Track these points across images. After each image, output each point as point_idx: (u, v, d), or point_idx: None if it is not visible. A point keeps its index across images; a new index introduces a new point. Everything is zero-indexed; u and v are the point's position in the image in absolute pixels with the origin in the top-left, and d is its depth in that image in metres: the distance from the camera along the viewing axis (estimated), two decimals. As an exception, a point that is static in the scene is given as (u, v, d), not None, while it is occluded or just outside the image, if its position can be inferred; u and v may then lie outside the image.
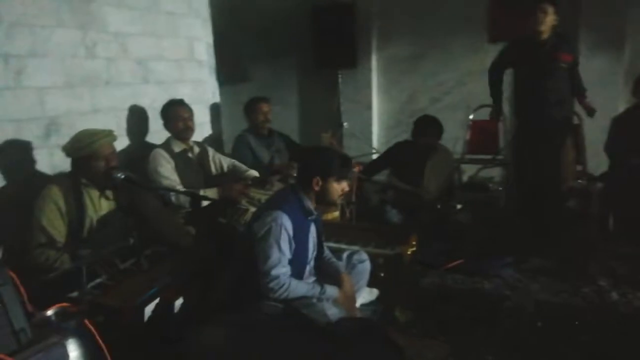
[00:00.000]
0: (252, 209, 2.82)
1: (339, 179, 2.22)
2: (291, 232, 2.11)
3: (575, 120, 3.68)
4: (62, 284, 2.01)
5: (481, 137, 4.14)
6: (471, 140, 4.19)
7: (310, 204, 2.23)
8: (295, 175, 2.99)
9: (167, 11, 3.56)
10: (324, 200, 2.27)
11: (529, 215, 3.35)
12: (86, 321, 1.67)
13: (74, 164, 2.44)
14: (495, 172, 4.21)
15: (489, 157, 4.05)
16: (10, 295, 1.34)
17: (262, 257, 2.08)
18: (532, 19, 3.16)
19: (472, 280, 2.81)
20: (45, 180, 2.52)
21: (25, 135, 2.60)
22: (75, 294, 1.97)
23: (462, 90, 4.65)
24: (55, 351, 1.39)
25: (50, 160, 2.73)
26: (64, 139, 2.51)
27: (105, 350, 1.68)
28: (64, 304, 1.74)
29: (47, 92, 2.71)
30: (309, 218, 2.25)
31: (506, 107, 3.94)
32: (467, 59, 4.58)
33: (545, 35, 3.20)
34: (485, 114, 4.01)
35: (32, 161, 2.66)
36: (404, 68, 4.97)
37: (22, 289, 1.43)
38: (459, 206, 3.53)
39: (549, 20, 3.15)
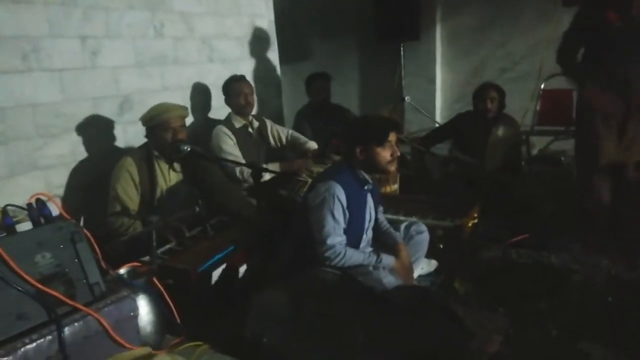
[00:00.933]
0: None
1: (380, 144, 2.16)
2: (345, 202, 2.12)
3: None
4: (135, 248, 2.17)
5: (553, 107, 3.89)
6: (542, 110, 3.95)
7: (364, 174, 2.22)
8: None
9: (230, -10, 3.65)
10: (374, 169, 2.23)
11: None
12: (155, 280, 1.81)
13: (147, 133, 2.61)
14: (568, 145, 3.96)
15: (561, 128, 3.81)
16: (86, 252, 1.46)
17: (317, 227, 2.12)
18: None
19: (538, 254, 2.69)
20: (120, 153, 2.71)
21: (101, 112, 2.80)
22: (146, 257, 2.12)
23: (533, 59, 4.36)
24: (125, 304, 1.52)
25: (124, 135, 2.93)
26: (136, 115, 2.68)
27: (173, 307, 1.82)
28: (136, 264, 1.89)
29: (120, 71, 2.90)
30: (365, 188, 2.25)
31: (581, 75, 3.66)
32: (538, 26, 4.28)
33: None
34: (557, 83, 3.77)
35: (108, 136, 2.87)
36: (470, 38, 4.75)
37: (97, 248, 1.56)
38: (526, 179, 3.36)
39: None
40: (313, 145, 3.30)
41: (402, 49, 4.91)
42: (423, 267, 2.56)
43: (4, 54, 2.34)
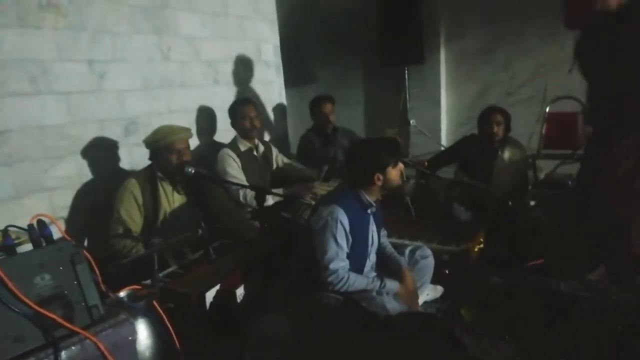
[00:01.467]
0: (315, 205, 2.86)
1: (395, 164, 2.19)
2: (347, 226, 2.11)
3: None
4: (137, 270, 2.15)
5: (559, 130, 3.88)
6: (548, 134, 3.94)
7: (367, 197, 2.20)
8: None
9: (235, 15, 3.71)
10: (390, 190, 2.25)
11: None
12: (155, 303, 1.79)
13: (151, 156, 2.61)
14: (576, 169, 3.93)
15: (568, 152, 3.79)
16: (85, 274, 1.45)
17: (319, 251, 2.10)
18: None
19: (546, 280, 2.63)
20: (125, 175, 2.72)
21: (107, 134, 2.83)
22: (148, 281, 2.10)
23: (537, 82, 4.38)
24: (124, 328, 1.49)
25: (129, 157, 2.95)
26: (142, 137, 2.69)
27: (172, 332, 1.78)
28: (136, 287, 1.87)
29: (126, 94, 2.93)
30: (368, 211, 2.23)
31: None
32: (542, 49, 4.32)
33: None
34: (563, 106, 3.77)
35: (113, 158, 2.88)
36: (474, 62, 4.78)
37: (97, 271, 1.55)
38: (532, 203, 3.32)
39: None
40: (313, 172, 3.31)
41: (406, 72, 4.95)
42: (428, 292, 2.52)
43: (13, 77, 2.38)
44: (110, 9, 2.79)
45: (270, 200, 2.97)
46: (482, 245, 2.69)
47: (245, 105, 3.23)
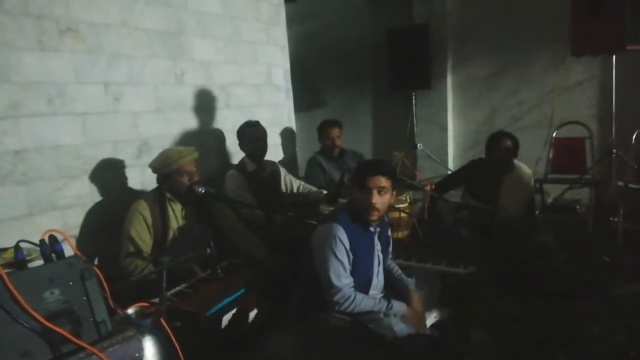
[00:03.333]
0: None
1: (361, 187, 2.11)
2: (347, 244, 2.10)
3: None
4: (146, 289, 2.17)
5: (566, 155, 3.89)
6: (555, 158, 3.94)
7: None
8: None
9: (248, 40, 3.82)
10: (358, 211, 2.17)
11: None
12: (162, 321, 1.80)
13: (160, 179, 2.65)
14: (583, 194, 3.92)
15: (575, 176, 3.78)
16: (94, 290, 1.46)
17: (322, 270, 2.10)
18: None
19: (555, 304, 2.60)
20: (136, 195, 2.76)
21: (120, 155, 2.89)
22: (156, 299, 2.11)
23: (544, 107, 4.42)
24: (131, 344, 1.50)
25: (141, 177, 3.00)
26: (154, 158, 2.74)
27: (179, 350, 1.78)
28: (144, 304, 1.88)
29: (140, 116, 3.00)
30: (371, 229, 2.24)
31: (593, 124, 3.69)
32: (549, 75, 4.37)
33: None
34: (570, 131, 3.78)
35: (125, 178, 2.93)
36: (481, 87, 4.85)
37: (106, 287, 1.57)
38: (540, 227, 3.31)
39: None
40: (323, 192, 3.34)
41: (414, 97, 5.01)
42: (436, 315, 2.50)
43: (31, 98, 2.45)
44: (127, 34, 2.89)
45: (278, 221, 2.99)
46: (490, 268, 2.67)
47: (252, 128, 3.28)
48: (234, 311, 2.20)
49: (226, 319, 2.17)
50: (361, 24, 5.44)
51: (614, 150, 3.68)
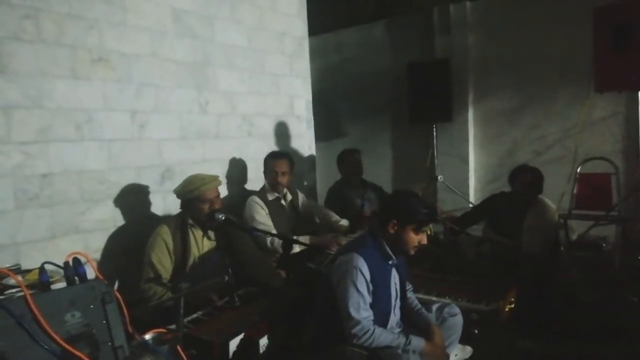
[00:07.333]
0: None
1: (418, 229, 2.13)
2: (368, 275, 2.07)
3: None
4: (163, 314, 2.16)
5: (591, 191, 3.81)
6: (579, 194, 3.87)
7: (388, 248, 2.18)
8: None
9: (271, 72, 3.90)
10: (396, 248, 2.17)
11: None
12: (178, 348, 1.78)
13: (183, 204, 2.68)
14: (609, 231, 3.81)
15: (601, 213, 3.69)
16: (114, 314, 1.47)
17: (342, 301, 2.06)
18: None
19: (579, 343, 2.51)
20: (158, 220, 2.79)
21: (143, 181, 2.94)
22: (173, 325, 2.11)
23: (567, 142, 4.37)
24: (148, 370, 1.49)
25: (163, 203, 3.04)
26: (176, 184, 2.78)
27: (194, 379, 1.76)
28: (161, 330, 1.88)
29: (164, 143, 3.07)
30: (390, 262, 2.21)
31: (619, 160, 3.62)
32: (572, 110, 4.33)
33: None
34: (595, 167, 3.72)
35: (147, 203, 2.98)
36: (503, 121, 4.83)
37: (125, 311, 1.57)
38: (565, 264, 3.22)
39: None
40: (344, 222, 3.32)
41: (434, 129, 5.02)
42: (457, 353, 2.42)
43: (60, 123, 2.54)
44: (156, 65, 2.99)
45: (296, 249, 2.97)
46: (513, 305, 2.59)
47: (276, 160, 3.30)
48: (241, 336, 2.16)
49: (233, 343, 2.13)
50: (383, 58, 5.52)
51: (641, 187, 3.60)
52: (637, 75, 3.27)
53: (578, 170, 3.94)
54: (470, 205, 4.70)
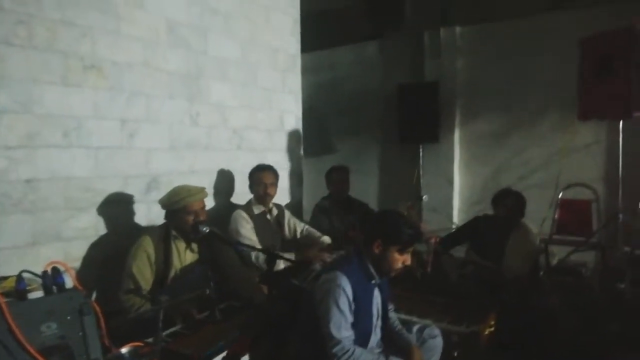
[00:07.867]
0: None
1: (402, 250, 2.14)
2: (351, 295, 2.07)
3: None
4: (141, 327, 2.13)
5: (572, 217, 3.88)
6: (560, 219, 3.93)
7: (372, 268, 2.19)
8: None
9: (263, 87, 3.93)
10: (380, 268, 2.18)
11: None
12: (156, 362, 1.77)
13: (167, 215, 2.67)
14: (589, 257, 3.88)
15: (581, 239, 3.75)
16: (91, 326, 1.46)
17: (323, 320, 2.05)
18: None
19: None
20: (140, 231, 2.77)
21: (129, 190, 2.92)
22: (151, 339, 2.08)
23: (550, 168, 4.45)
24: (123, 384, 1.47)
25: (148, 213, 3.02)
26: (162, 194, 2.77)
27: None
28: (138, 344, 1.86)
29: (153, 153, 3.06)
30: (372, 282, 2.21)
31: (600, 187, 3.70)
32: (555, 136, 4.43)
33: None
34: (576, 193, 3.79)
35: (132, 213, 2.95)
36: (488, 144, 4.92)
37: (103, 324, 1.56)
38: (545, 288, 3.25)
39: None
40: (327, 240, 3.33)
41: (421, 149, 5.08)
42: (436, 374, 2.43)
43: (48, 130, 2.52)
44: (148, 75, 2.99)
45: (281, 265, 2.97)
46: (493, 328, 2.61)
47: (262, 172, 3.32)
48: (223, 354, 2.14)
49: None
50: (374, 77, 5.60)
51: (620, 215, 3.66)
52: (619, 105, 3.35)
53: (560, 195, 4.02)
54: (454, 226, 4.74)
